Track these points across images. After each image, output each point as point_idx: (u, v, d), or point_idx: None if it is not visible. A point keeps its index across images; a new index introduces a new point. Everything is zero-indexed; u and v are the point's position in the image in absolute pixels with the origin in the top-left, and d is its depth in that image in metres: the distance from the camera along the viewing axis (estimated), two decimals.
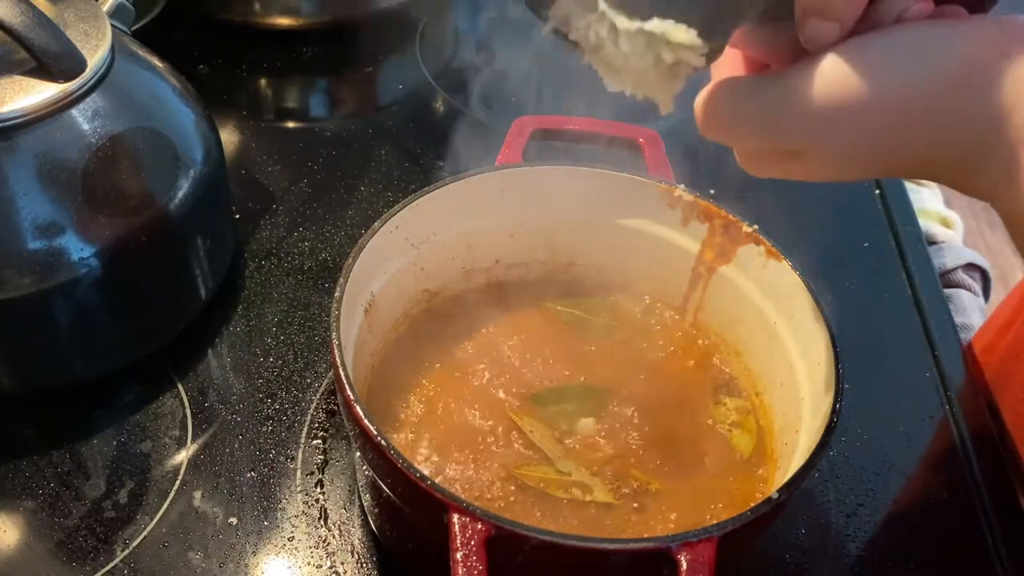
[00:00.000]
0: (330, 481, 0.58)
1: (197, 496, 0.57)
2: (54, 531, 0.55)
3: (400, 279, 0.58)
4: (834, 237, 0.78)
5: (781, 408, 0.55)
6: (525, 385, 0.57)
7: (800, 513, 0.58)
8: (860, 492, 0.60)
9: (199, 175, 0.61)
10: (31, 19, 0.52)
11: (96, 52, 0.56)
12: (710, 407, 0.57)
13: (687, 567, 0.40)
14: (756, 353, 0.58)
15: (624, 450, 0.54)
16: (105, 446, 0.60)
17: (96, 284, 0.57)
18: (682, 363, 0.60)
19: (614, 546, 0.42)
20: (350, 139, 0.84)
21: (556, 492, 0.52)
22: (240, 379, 0.64)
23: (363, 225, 0.55)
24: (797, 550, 0.57)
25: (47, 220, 0.54)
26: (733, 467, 0.54)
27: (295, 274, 0.71)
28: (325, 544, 0.55)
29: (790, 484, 0.43)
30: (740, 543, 0.46)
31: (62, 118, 0.54)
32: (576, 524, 0.50)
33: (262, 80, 0.92)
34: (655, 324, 0.62)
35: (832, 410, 0.47)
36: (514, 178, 0.59)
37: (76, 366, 0.60)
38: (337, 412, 0.62)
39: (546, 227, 0.62)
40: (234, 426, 0.61)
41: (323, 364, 0.65)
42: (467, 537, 0.40)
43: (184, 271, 0.63)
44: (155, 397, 0.63)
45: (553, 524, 0.50)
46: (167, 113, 0.62)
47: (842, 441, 0.62)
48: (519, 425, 0.54)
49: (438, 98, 0.90)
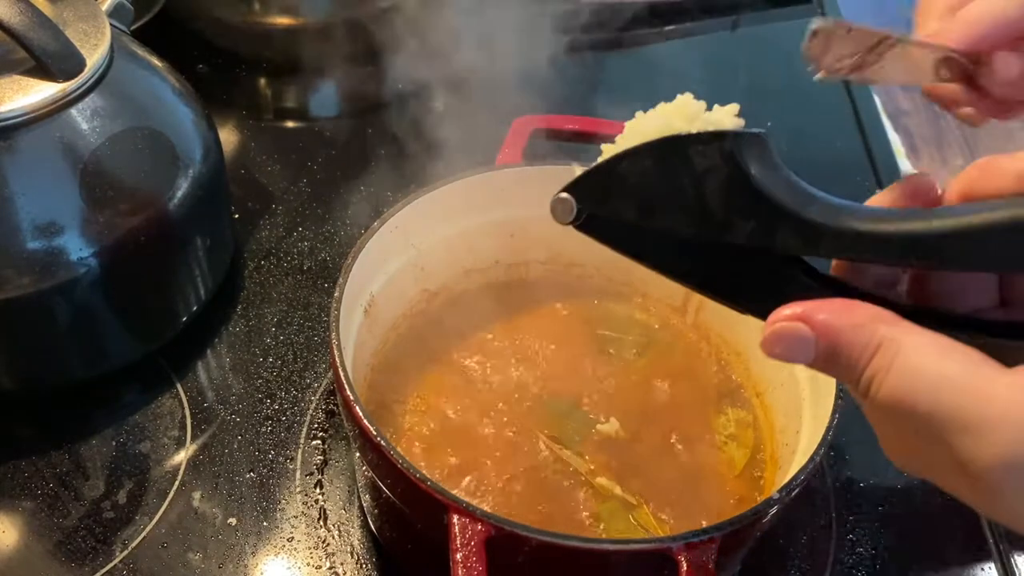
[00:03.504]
0: (329, 482, 0.58)
1: (196, 496, 0.57)
2: (53, 531, 0.55)
3: (400, 279, 0.58)
4: None
5: (781, 408, 0.55)
6: (525, 385, 0.57)
7: (800, 513, 0.58)
8: (860, 492, 0.60)
9: (198, 175, 0.61)
10: (30, 19, 0.52)
11: (95, 52, 0.56)
12: (711, 415, 0.57)
13: (687, 567, 0.40)
14: (757, 353, 0.57)
15: (623, 452, 0.54)
16: (104, 446, 0.60)
17: (95, 284, 0.56)
18: (685, 366, 0.60)
19: (614, 546, 0.42)
20: (350, 139, 0.84)
21: (557, 491, 0.52)
22: (239, 379, 0.64)
23: (363, 225, 0.55)
24: (797, 550, 0.57)
25: (46, 220, 0.54)
26: (723, 480, 0.54)
27: (294, 274, 0.71)
28: (325, 545, 0.55)
29: (790, 485, 0.43)
30: (740, 543, 0.46)
31: (61, 117, 0.54)
32: (576, 525, 0.50)
33: (261, 80, 0.91)
34: (656, 325, 0.62)
35: (832, 410, 0.47)
36: (514, 178, 0.59)
37: (75, 366, 0.60)
38: (337, 412, 0.62)
39: (546, 227, 0.61)
40: (233, 426, 0.61)
41: (323, 364, 0.65)
42: (467, 537, 0.40)
43: (183, 271, 0.63)
44: (154, 397, 0.62)
45: (555, 524, 0.50)
46: (166, 113, 0.62)
47: (842, 440, 0.62)
48: (524, 429, 0.54)
49: (438, 98, 0.90)
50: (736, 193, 0.37)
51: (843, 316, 0.34)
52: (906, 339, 0.33)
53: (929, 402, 0.31)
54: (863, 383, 0.33)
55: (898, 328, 0.33)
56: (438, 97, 0.90)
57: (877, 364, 0.33)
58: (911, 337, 0.33)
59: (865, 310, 0.34)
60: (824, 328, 0.34)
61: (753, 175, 0.37)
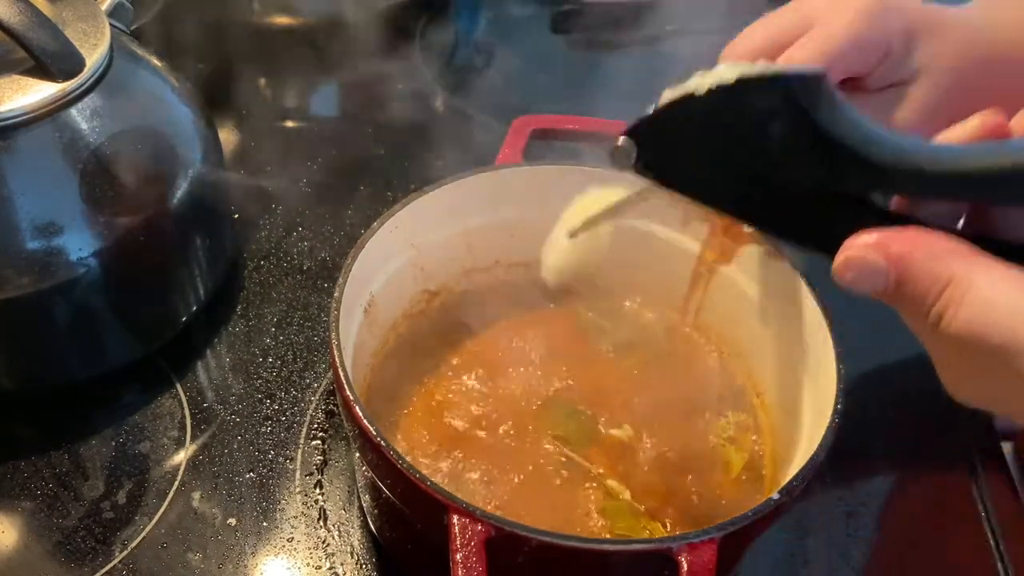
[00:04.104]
0: (329, 482, 0.58)
1: (196, 497, 0.57)
2: (52, 532, 0.55)
3: (400, 279, 0.58)
4: None
5: (782, 409, 0.54)
6: (525, 386, 0.57)
7: (800, 513, 0.58)
8: (860, 491, 0.60)
9: (198, 175, 0.61)
10: (30, 18, 0.52)
11: (95, 51, 0.56)
12: (711, 417, 0.57)
13: (688, 568, 0.40)
14: (757, 353, 0.57)
15: (624, 452, 0.54)
16: (104, 446, 0.60)
17: (95, 284, 0.56)
18: (685, 366, 0.60)
19: (614, 547, 0.42)
20: (350, 139, 0.84)
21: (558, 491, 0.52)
22: (239, 379, 0.64)
23: (363, 225, 0.55)
24: (797, 550, 0.57)
25: (46, 220, 0.54)
26: (723, 481, 0.54)
27: (294, 274, 0.71)
28: (324, 545, 0.55)
29: (790, 485, 0.43)
30: (740, 544, 0.46)
31: (60, 117, 0.54)
32: (579, 525, 0.50)
33: (261, 80, 0.91)
34: (657, 325, 0.62)
35: (833, 411, 0.46)
36: (514, 178, 0.59)
37: (74, 366, 0.60)
38: (336, 413, 0.62)
39: (546, 227, 0.61)
40: (233, 427, 0.61)
41: (322, 364, 0.65)
42: (467, 538, 0.40)
43: (183, 271, 0.63)
44: (154, 397, 0.62)
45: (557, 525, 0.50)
46: (166, 112, 0.62)
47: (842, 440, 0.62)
48: (524, 429, 0.54)
49: (438, 98, 0.90)
50: (798, 135, 0.36)
51: (918, 247, 0.34)
52: (978, 272, 0.33)
53: (1003, 333, 0.32)
54: (933, 315, 0.34)
55: (971, 261, 0.33)
56: (438, 97, 0.90)
57: (948, 297, 0.33)
58: (984, 270, 0.33)
59: (941, 241, 0.34)
60: (898, 258, 0.34)
61: (815, 117, 0.36)
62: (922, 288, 0.34)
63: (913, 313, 0.35)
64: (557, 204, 0.60)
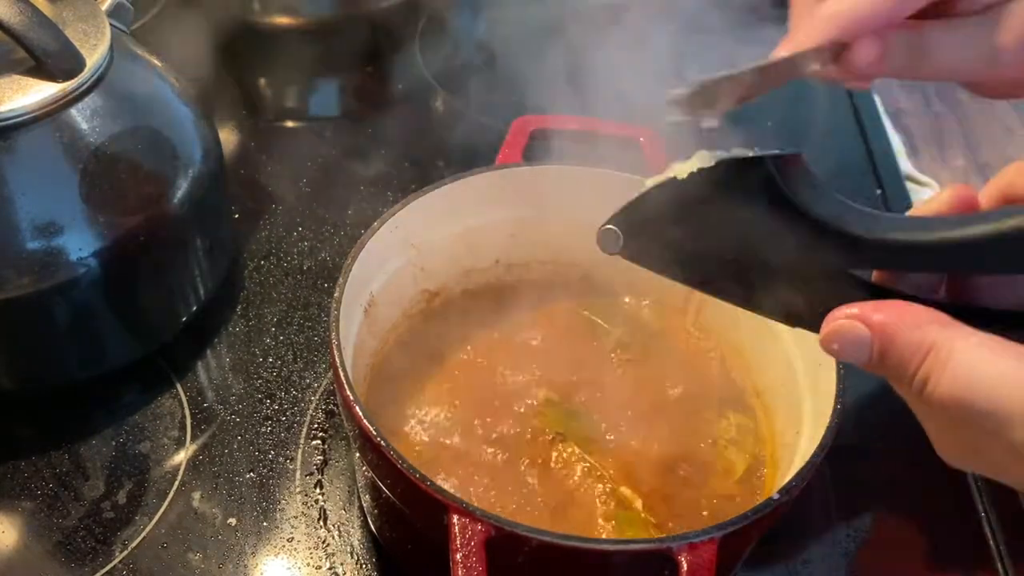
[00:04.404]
0: (329, 482, 0.58)
1: (196, 497, 0.57)
2: (53, 532, 0.55)
3: (400, 279, 0.58)
4: None
5: (782, 408, 0.54)
6: (525, 386, 0.57)
7: (800, 513, 0.58)
8: (860, 491, 0.60)
9: (198, 175, 0.61)
10: (30, 18, 0.52)
11: (95, 51, 0.56)
12: (712, 417, 0.57)
13: (688, 568, 0.40)
14: (757, 353, 0.57)
15: (625, 453, 0.54)
16: (104, 446, 0.60)
17: (95, 284, 0.56)
18: (686, 366, 0.60)
19: (614, 547, 0.42)
20: (350, 139, 0.84)
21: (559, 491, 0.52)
22: (239, 379, 0.64)
23: (363, 225, 0.55)
24: (798, 550, 0.57)
25: (46, 220, 0.54)
26: (723, 482, 0.54)
27: (294, 274, 0.71)
28: (324, 545, 0.55)
29: (790, 486, 0.43)
30: (740, 544, 0.46)
31: (61, 117, 0.54)
32: (581, 525, 0.50)
33: (262, 80, 0.91)
34: (658, 325, 0.62)
35: (832, 411, 0.47)
36: (514, 178, 0.59)
37: (74, 366, 0.60)
38: (336, 412, 0.62)
39: (546, 227, 0.61)
40: (233, 426, 0.61)
41: (322, 364, 0.65)
42: (467, 538, 0.40)
43: (183, 271, 0.63)
44: (154, 397, 0.62)
45: (559, 525, 0.50)
46: (166, 112, 0.62)
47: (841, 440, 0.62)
48: (524, 429, 0.54)
49: (438, 98, 0.90)
50: (779, 214, 0.38)
51: (900, 317, 0.35)
52: (959, 339, 0.34)
53: (987, 399, 0.33)
54: (916, 382, 0.35)
55: (951, 329, 0.34)
56: (438, 97, 0.90)
57: (931, 364, 0.34)
58: (964, 337, 0.34)
59: (921, 312, 0.35)
60: (881, 328, 0.35)
61: (793, 195, 0.37)
62: (905, 356, 0.35)
63: (899, 381, 0.36)
64: (557, 204, 0.60)
